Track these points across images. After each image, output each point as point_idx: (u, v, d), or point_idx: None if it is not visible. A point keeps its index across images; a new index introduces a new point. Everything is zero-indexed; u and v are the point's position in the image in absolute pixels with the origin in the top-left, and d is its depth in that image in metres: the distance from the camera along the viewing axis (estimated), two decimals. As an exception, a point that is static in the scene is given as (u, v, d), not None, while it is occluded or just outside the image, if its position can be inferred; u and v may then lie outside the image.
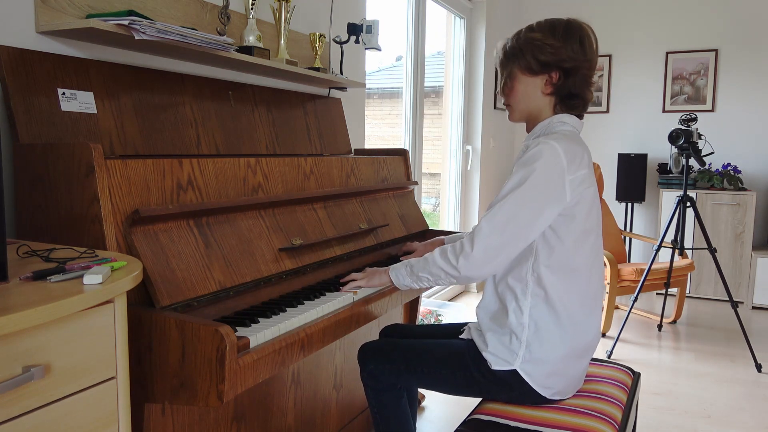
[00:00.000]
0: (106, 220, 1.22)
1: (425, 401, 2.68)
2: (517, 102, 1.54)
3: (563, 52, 1.45)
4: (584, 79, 1.48)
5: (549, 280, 1.41)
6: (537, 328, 1.42)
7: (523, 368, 1.42)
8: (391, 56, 4.93)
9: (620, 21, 5.00)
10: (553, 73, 1.47)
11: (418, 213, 2.42)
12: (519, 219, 1.36)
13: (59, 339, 0.89)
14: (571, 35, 1.46)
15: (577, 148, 1.42)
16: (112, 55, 1.66)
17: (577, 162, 1.40)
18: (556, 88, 1.48)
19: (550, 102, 1.50)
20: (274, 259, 1.56)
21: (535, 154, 1.38)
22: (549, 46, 1.45)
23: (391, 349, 1.62)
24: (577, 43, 1.46)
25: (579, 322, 1.44)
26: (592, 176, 1.45)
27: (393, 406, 1.64)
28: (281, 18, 2.11)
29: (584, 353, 1.49)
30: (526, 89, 1.51)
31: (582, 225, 1.42)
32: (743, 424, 2.51)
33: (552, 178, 1.36)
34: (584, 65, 1.47)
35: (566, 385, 1.48)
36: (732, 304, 3.19)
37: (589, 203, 1.43)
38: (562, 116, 1.50)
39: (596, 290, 1.49)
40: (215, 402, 1.12)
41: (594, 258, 1.48)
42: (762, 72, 4.61)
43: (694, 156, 3.31)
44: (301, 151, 2.24)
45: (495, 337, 1.46)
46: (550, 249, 1.41)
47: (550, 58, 1.46)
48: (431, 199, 5.53)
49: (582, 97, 1.50)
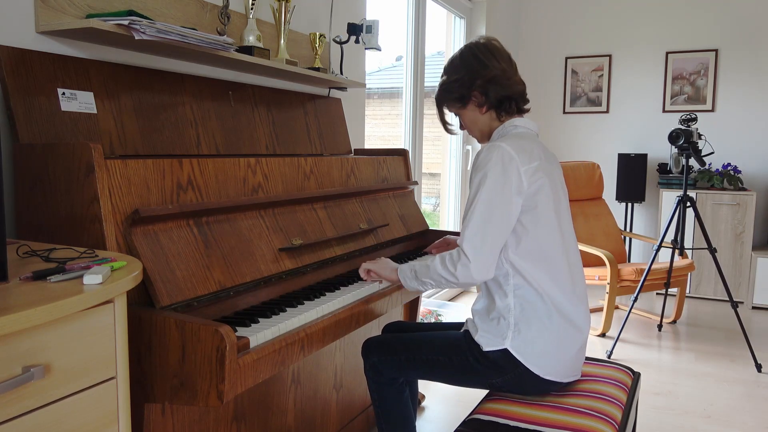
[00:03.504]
0: (106, 220, 1.22)
1: (425, 401, 2.67)
2: (471, 130, 1.70)
3: (467, 78, 1.60)
4: (500, 81, 1.59)
5: (522, 266, 1.49)
6: (522, 308, 1.48)
7: (513, 347, 1.47)
8: (391, 56, 4.94)
9: (620, 21, 4.99)
10: (473, 97, 1.62)
11: (418, 213, 2.42)
12: (493, 215, 1.45)
13: (59, 339, 0.89)
14: (466, 60, 1.62)
15: (526, 143, 1.52)
16: (112, 55, 1.66)
17: (527, 154, 1.49)
18: (486, 104, 1.61)
19: (491, 115, 1.63)
20: (274, 259, 1.56)
21: (485, 156, 1.49)
22: (455, 82, 1.63)
23: (393, 342, 1.66)
24: (474, 61, 1.60)
25: (562, 304, 1.50)
26: (545, 169, 1.53)
27: (395, 400, 1.68)
28: (281, 18, 2.11)
29: (575, 334, 1.52)
30: (469, 118, 1.67)
31: (545, 213, 1.50)
32: (743, 424, 2.51)
33: (507, 169, 1.45)
34: (491, 73, 1.58)
35: (561, 366, 1.51)
36: (732, 304, 3.19)
37: (547, 196, 1.51)
38: (513, 120, 1.61)
39: (575, 276, 1.55)
40: (215, 402, 1.12)
41: (565, 245, 1.55)
42: (762, 72, 4.61)
43: (694, 156, 3.31)
44: (301, 151, 2.24)
45: (485, 322, 1.53)
46: (518, 238, 1.49)
47: (463, 90, 1.62)
48: (431, 199, 5.54)
49: (510, 96, 1.60)
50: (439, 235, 2.42)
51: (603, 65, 5.08)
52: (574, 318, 1.52)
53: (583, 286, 1.59)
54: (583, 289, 1.59)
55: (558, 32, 5.22)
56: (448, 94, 1.66)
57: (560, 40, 5.22)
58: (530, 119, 1.64)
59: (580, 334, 1.54)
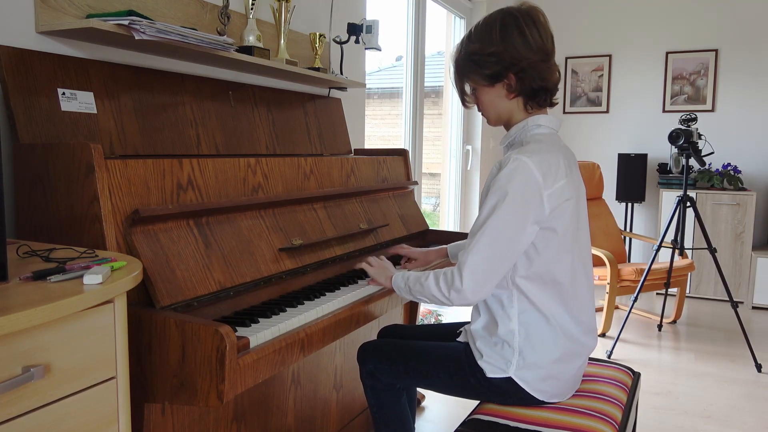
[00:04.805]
0: (106, 220, 1.22)
1: (425, 401, 2.67)
2: (487, 111, 1.51)
3: (506, 56, 1.38)
4: (541, 69, 1.40)
5: (529, 289, 1.40)
6: (527, 334, 1.41)
7: (517, 375, 1.42)
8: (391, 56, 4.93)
9: (620, 21, 4.99)
10: (506, 79, 1.42)
11: (418, 213, 2.42)
12: (501, 243, 1.33)
13: (59, 339, 0.89)
14: (508, 32, 1.38)
15: (552, 156, 1.37)
16: (112, 55, 1.65)
17: (553, 173, 1.35)
18: (517, 91, 1.43)
19: (518, 103, 1.45)
20: (274, 259, 1.56)
21: (509, 174, 1.33)
22: (490, 56, 1.39)
23: (391, 349, 1.62)
24: (519, 38, 1.38)
25: (569, 327, 1.43)
26: (571, 185, 1.40)
27: (392, 405, 1.65)
28: (281, 18, 2.11)
29: (579, 355, 1.48)
30: (490, 99, 1.47)
31: (562, 238, 1.38)
32: (743, 424, 2.51)
33: (528, 196, 1.32)
34: (534, 57, 1.39)
35: (562, 387, 1.47)
36: (732, 304, 3.19)
37: (569, 216, 1.39)
38: (537, 118, 1.45)
39: (583, 301, 1.46)
40: (215, 402, 1.12)
41: (577, 269, 1.44)
42: (762, 72, 4.61)
43: (694, 156, 3.31)
44: (301, 151, 2.24)
45: (488, 346, 1.46)
46: (529, 261, 1.39)
47: (497, 68, 1.40)
48: (431, 199, 5.53)
49: (546, 88, 1.43)
50: (439, 234, 2.42)
51: (603, 65, 5.08)
52: (582, 339, 1.46)
53: (591, 309, 1.51)
54: (590, 311, 1.51)
55: (558, 32, 5.18)
56: (478, 68, 1.42)
57: (560, 40, 5.20)
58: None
59: (584, 354, 1.49)
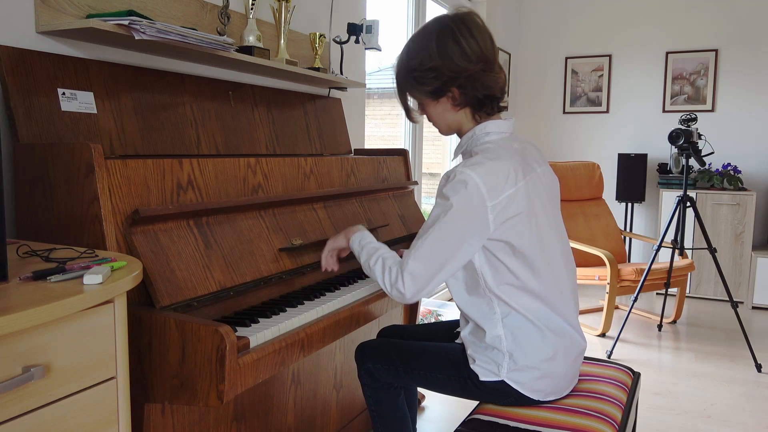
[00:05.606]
0: (106, 220, 1.22)
1: (425, 401, 2.67)
2: (436, 123, 1.48)
3: (446, 70, 1.34)
4: (484, 78, 1.36)
5: (507, 293, 1.38)
6: (514, 337, 1.40)
7: (510, 377, 1.42)
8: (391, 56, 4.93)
9: (620, 21, 4.99)
10: (450, 93, 1.38)
11: (418, 213, 2.42)
12: (441, 252, 1.31)
13: (59, 339, 0.89)
14: (446, 45, 1.33)
15: (501, 165, 1.32)
16: (112, 55, 1.65)
17: (501, 183, 1.30)
18: (462, 103, 1.39)
19: (465, 114, 1.42)
20: (274, 259, 1.56)
21: (454, 186, 1.30)
22: (429, 71, 1.35)
23: (389, 348, 1.62)
24: (456, 50, 1.33)
25: (555, 323, 1.43)
26: (523, 194, 1.34)
27: (390, 405, 1.65)
28: (281, 18, 2.11)
29: (571, 353, 1.47)
30: (437, 112, 1.44)
31: (522, 242, 1.35)
32: (743, 424, 2.51)
33: (470, 210, 1.29)
34: (475, 68, 1.34)
35: (558, 385, 1.47)
36: (732, 304, 3.18)
37: (523, 219, 1.34)
38: (486, 125, 1.41)
39: (565, 294, 1.45)
40: (215, 402, 1.12)
41: (556, 267, 1.42)
42: (762, 72, 4.61)
43: (694, 156, 3.31)
44: (301, 151, 2.24)
45: (478, 351, 1.45)
46: (496, 271, 1.37)
47: (438, 83, 1.36)
48: (431, 199, 5.53)
49: (492, 95, 1.39)
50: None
51: (603, 65, 5.08)
52: (569, 331, 1.45)
53: (575, 294, 1.50)
54: (575, 296, 1.50)
55: (558, 32, 5.22)
56: (420, 85, 1.38)
57: (560, 40, 5.22)
58: (506, 115, 1.47)
59: (576, 350, 1.48)
